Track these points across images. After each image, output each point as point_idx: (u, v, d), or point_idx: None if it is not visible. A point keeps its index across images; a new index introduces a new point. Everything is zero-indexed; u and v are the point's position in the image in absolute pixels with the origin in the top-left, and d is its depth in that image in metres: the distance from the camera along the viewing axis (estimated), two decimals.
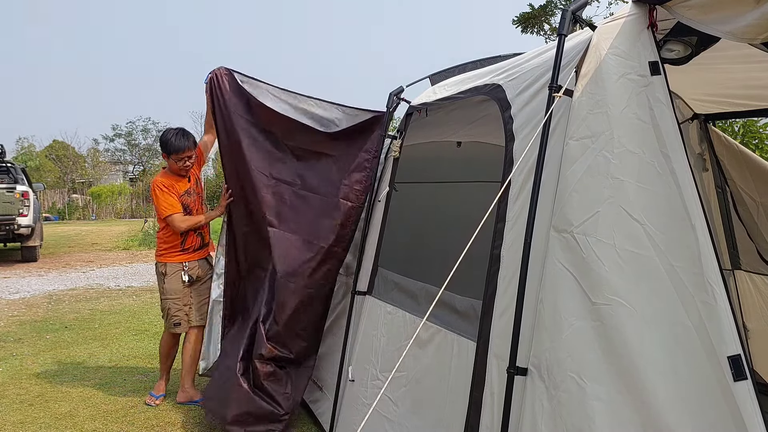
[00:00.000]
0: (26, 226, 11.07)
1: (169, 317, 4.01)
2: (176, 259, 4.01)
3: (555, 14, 12.58)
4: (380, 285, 3.19)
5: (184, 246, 4.01)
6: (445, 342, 2.47)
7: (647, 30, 2.00)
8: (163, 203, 3.91)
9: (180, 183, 4.01)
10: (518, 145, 2.28)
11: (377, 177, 3.49)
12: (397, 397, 2.72)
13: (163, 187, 3.92)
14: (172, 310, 3.99)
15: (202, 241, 4.10)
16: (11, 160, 13.56)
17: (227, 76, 3.67)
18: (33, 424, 3.72)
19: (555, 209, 1.97)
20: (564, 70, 2.09)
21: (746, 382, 1.66)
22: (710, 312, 1.72)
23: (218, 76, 3.66)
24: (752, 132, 7.03)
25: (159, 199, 3.93)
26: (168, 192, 3.92)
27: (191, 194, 4.05)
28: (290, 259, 3.45)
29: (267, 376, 3.41)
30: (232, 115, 3.63)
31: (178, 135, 3.93)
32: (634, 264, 1.81)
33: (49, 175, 32.40)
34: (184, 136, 3.93)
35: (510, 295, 2.09)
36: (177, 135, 3.92)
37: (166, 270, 4.00)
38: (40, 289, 8.72)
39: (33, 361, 5.11)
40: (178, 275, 3.98)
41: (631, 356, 1.73)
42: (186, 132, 3.98)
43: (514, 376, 1.94)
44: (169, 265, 4.00)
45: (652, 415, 1.69)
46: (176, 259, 4.01)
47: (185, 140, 3.92)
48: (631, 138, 1.89)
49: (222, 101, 3.64)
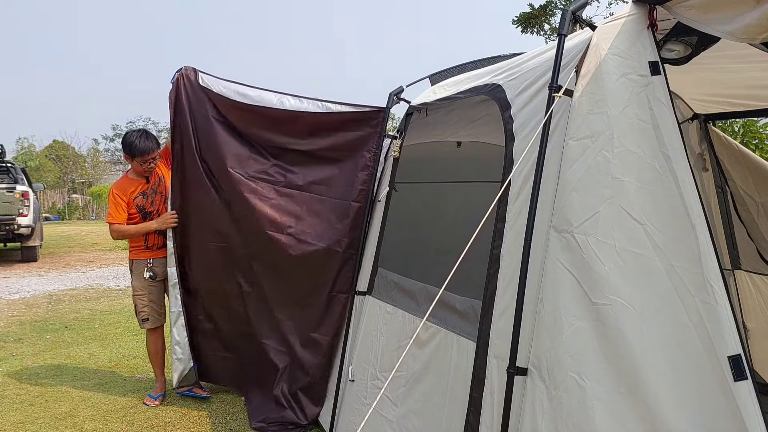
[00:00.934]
0: (26, 226, 11.07)
1: (137, 313, 4.12)
2: (141, 255, 4.08)
3: (555, 14, 12.56)
4: (380, 285, 3.19)
5: (147, 244, 4.08)
6: (444, 342, 2.47)
7: (647, 30, 2.00)
8: (109, 211, 4.01)
9: (135, 186, 4.04)
10: (518, 145, 2.28)
11: (377, 177, 3.49)
12: (396, 397, 2.71)
13: (116, 196, 3.99)
14: (139, 306, 4.09)
15: (164, 240, 4.04)
16: (11, 160, 13.56)
17: (194, 75, 3.65)
18: (33, 424, 3.72)
19: (555, 209, 1.97)
20: (564, 70, 2.09)
21: (746, 382, 1.66)
22: (710, 312, 1.72)
23: (185, 76, 3.64)
24: (752, 132, 7.02)
25: (109, 205, 4.04)
26: (117, 200, 3.98)
27: (148, 195, 4.06)
28: (313, 267, 3.48)
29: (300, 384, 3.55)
30: (199, 116, 3.60)
31: (142, 137, 3.93)
32: (634, 264, 1.81)
33: (49, 175, 32.38)
34: (147, 138, 3.94)
35: (510, 295, 2.09)
36: (141, 137, 3.92)
37: (132, 267, 4.12)
38: (40, 289, 8.72)
39: (33, 361, 5.11)
40: (141, 272, 4.05)
41: (632, 356, 1.73)
42: (149, 133, 4.02)
43: (513, 376, 1.93)
44: (135, 262, 4.10)
45: (652, 415, 1.69)
46: (141, 255, 4.08)
47: (149, 142, 3.93)
48: (631, 138, 1.89)
49: (189, 101, 3.62)
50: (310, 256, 3.45)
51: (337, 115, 3.51)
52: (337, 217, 3.48)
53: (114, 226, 3.98)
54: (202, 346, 3.96)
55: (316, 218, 3.51)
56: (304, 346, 3.53)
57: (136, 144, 3.89)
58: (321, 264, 3.46)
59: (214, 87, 3.61)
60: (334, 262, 3.46)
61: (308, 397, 3.52)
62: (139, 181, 4.06)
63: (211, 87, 3.62)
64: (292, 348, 3.56)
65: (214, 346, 3.96)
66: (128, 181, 4.06)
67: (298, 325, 3.57)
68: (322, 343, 3.50)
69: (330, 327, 3.49)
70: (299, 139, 3.58)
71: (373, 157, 3.45)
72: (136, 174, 4.06)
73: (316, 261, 3.45)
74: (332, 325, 3.48)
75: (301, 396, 3.52)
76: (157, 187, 4.08)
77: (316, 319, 3.51)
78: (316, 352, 3.51)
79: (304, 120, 3.54)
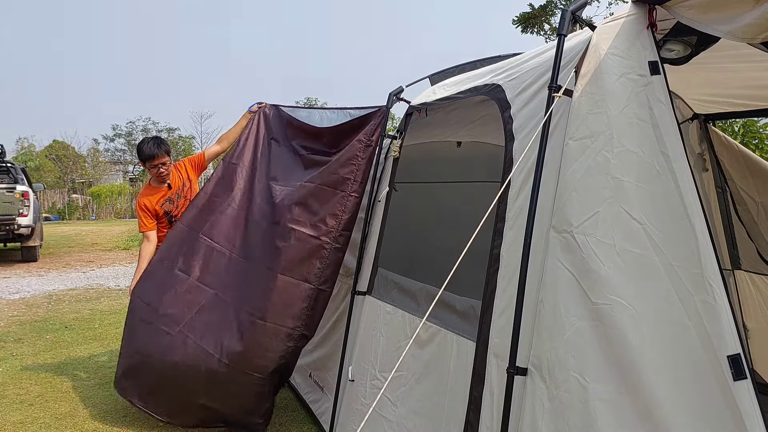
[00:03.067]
0: (26, 226, 11.07)
1: None
2: None
3: (555, 14, 12.57)
4: (380, 285, 3.19)
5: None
6: (444, 342, 2.47)
7: (647, 30, 2.00)
8: (139, 221, 4.14)
9: (158, 194, 4.15)
10: (518, 145, 2.28)
11: (378, 177, 3.48)
12: (396, 397, 2.72)
13: (141, 208, 4.13)
14: None
15: None
16: (11, 160, 13.56)
17: (272, 109, 4.08)
18: (33, 424, 3.72)
19: (555, 209, 1.97)
20: (564, 70, 2.09)
21: (746, 382, 1.66)
22: (710, 311, 1.72)
23: (264, 110, 4.07)
24: (752, 132, 7.03)
25: (138, 216, 4.18)
26: (144, 212, 4.12)
27: (174, 201, 4.15)
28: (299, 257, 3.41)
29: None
30: (265, 141, 3.98)
31: (150, 143, 4.09)
32: (634, 264, 1.81)
33: (49, 175, 32.38)
34: (156, 145, 4.08)
35: (510, 295, 2.09)
36: (149, 144, 4.10)
37: None
38: (40, 289, 8.72)
39: (33, 361, 5.11)
40: None
41: (631, 356, 1.73)
42: (160, 140, 4.15)
43: (513, 376, 1.93)
44: None
45: (652, 414, 1.69)
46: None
47: (156, 148, 4.06)
48: (630, 138, 1.89)
49: (263, 129, 4.00)
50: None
51: (347, 123, 3.63)
52: (319, 204, 3.42)
53: (147, 233, 4.11)
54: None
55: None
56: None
57: (143, 150, 4.08)
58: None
59: (288, 113, 4.02)
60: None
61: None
62: (160, 189, 4.16)
63: (286, 114, 4.03)
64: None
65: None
66: (151, 190, 4.18)
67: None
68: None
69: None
70: (328, 149, 3.75)
71: (365, 148, 3.42)
72: (157, 181, 4.17)
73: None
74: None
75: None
76: (181, 191, 4.18)
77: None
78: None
79: (327, 132, 3.76)
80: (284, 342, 3.30)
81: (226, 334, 3.38)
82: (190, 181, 4.23)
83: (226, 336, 3.37)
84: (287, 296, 3.30)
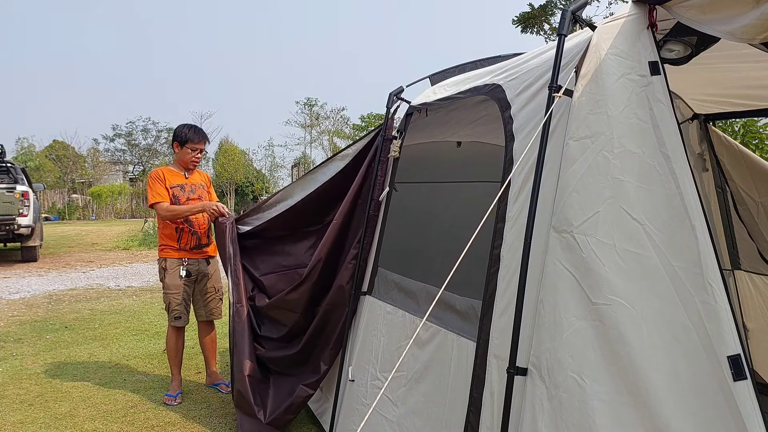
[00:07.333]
0: (26, 226, 11.08)
1: (171, 311, 4.15)
2: (175, 255, 4.13)
3: (555, 14, 12.58)
4: (380, 285, 3.19)
5: (181, 244, 4.13)
6: (444, 342, 2.47)
7: (647, 30, 2.00)
8: (151, 192, 4.06)
9: (176, 176, 4.17)
10: (518, 145, 2.28)
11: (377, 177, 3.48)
12: (396, 397, 2.72)
13: (156, 178, 4.09)
14: (173, 304, 4.13)
15: (198, 242, 4.16)
16: (11, 160, 13.56)
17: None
18: (33, 424, 3.72)
19: (555, 209, 1.97)
20: (564, 70, 2.09)
21: (746, 382, 1.66)
22: (710, 312, 1.72)
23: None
24: (752, 132, 7.03)
25: (150, 187, 4.10)
26: (158, 182, 4.06)
27: (186, 190, 4.14)
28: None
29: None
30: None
31: (196, 128, 4.19)
32: (634, 264, 1.81)
33: (49, 175, 32.36)
34: (201, 131, 4.20)
35: (510, 295, 2.09)
36: (195, 127, 4.19)
37: (165, 265, 4.14)
38: (40, 289, 8.72)
39: (33, 361, 5.11)
40: (176, 271, 4.11)
41: (631, 356, 1.73)
42: (201, 129, 4.25)
43: (513, 376, 1.93)
44: (169, 261, 4.13)
45: (652, 415, 1.69)
46: (175, 255, 4.13)
47: (202, 134, 4.19)
48: (631, 138, 1.89)
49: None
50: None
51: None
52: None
53: (161, 205, 4.00)
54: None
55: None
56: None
57: (186, 130, 4.12)
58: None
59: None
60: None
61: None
62: (179, 173, 4.18)
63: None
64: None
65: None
66: (168, 170, 4.18)
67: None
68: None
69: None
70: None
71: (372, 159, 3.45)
72: (179, 166, 4.19)
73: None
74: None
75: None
76: (195, 189, 4.19)
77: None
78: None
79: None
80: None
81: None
82: (208, 193, 4.28)
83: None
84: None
